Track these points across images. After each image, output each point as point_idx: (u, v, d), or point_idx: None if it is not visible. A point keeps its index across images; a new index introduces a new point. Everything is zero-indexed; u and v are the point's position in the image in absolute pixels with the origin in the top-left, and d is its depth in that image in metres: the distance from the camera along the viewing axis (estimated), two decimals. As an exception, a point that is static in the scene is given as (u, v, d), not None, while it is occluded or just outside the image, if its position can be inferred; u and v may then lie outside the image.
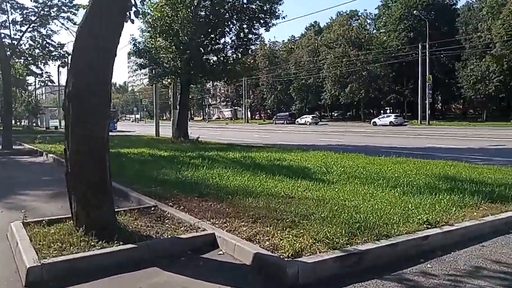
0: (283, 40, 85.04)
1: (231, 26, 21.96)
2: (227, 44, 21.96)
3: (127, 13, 4.69)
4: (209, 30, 20.84)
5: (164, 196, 6.44)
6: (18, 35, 17.26)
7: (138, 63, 21.65)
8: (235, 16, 21.50)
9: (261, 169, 9.35)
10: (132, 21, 4.71)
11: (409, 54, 54.40)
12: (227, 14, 21.27)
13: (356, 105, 65.97)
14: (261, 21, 21.68)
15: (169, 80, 22.72)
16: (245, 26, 21.89)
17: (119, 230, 4.52)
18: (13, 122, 17.27)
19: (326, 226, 4.47)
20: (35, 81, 56.83)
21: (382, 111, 69.32)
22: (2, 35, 16.38)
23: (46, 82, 20.45)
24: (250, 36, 22.12)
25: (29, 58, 18.16)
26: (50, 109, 57.35)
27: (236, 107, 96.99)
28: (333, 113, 76.60)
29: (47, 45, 18.14)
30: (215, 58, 22.22)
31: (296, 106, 74.21)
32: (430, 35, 46.62)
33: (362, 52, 56.82)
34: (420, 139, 24.40)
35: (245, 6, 21.42)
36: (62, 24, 17.46)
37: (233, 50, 22.09)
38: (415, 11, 50.79)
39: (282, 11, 21.53)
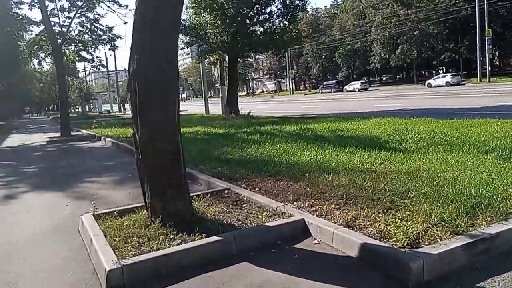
0: (326, 6, 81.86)
1: (275, -7, 20.96)
2: (273, 13, 21.02)
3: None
4: (254, 1, 19.99)
5: (233, 177, 5.98)
6: (67, 22, 17.32)
7: (184, 41, 21.23)
8: (280, -18, 20.46)
9: (326, 142, 8.71)
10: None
11: (462, 8, 50.50)
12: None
13: (406, 67, 62.74)
14: (308, -16, 20.52)
15: (216, 56, 22.19)
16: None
17: (198, 220, 4.09)
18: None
19: (435, 206, 3.80)
20: (84, 68, 58.66)
21: (434, 72, 65.69)
22: (52, 23, 16.46)
23: (98, 67, 20.63)
24: (297, 2, 21.03)
25: (80, 44, 18.25)
26: (101, 94, 59.02)
27: (279, 79, 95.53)
28: (382, 77, 73.47)
29: (96, 29, 18.12)
30: (261, 29, 21.37)
31: (343, 73, 71.72)
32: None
33: (412, 11, 53.37)
34: (486, 98, 22.50)
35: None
36: (108, 7, 17.33)
37: (280, 19, 21.12)
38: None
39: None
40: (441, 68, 64.20)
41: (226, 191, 5.21)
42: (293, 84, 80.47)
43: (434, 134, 8.68)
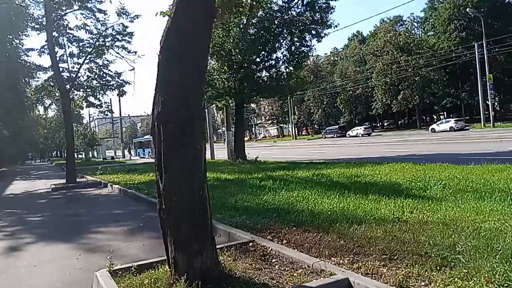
0: (325, 53, 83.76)
1: (281, 41, 21.31)
2: (279, 59, 21.29)
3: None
4: (260, 47, 20.29)
5: (255, 227, 5.61)
6: (76, 68, 17.45)
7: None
8: (285, 30, 20.84)
9: (345, 188, 8.36)
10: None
11: (461, 54, 51.58)
12: (277, 29, 20.65)
13: (408, 112, 63.24)
14: (313, 32, 20.90)
15: (223, 102, 22.26)
16: (296, 39, 21.15)
17: (227, 278, 3.69)
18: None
19: (493, 262, 3.41)
20: (89, 114, 59.22)
21: (435, 117, 66.10)
22: (61, 69, 16.56)
23: (105, 112, 20.62)
24: (302, 48, 21.34)
25: (88, 90, 18.30)
26: (105, 140, 59.17)
27: (281, 125, 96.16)
28: (383, 122, 73.97)
29: (104, 75, 18.24)
30: (267, 75, 21.56)
31: (345, 119, 72.30)
32: (485, 33, 43.87)
33: (412, 57, 54.47)
34: (496, 142, 22.29)
35: (295, 18, 20.73)
36: (117, 53, 17.50)
37: (286, 65, 21.36)
38: (467, 9, 47.93)
39: (334, 20, 20.57)
40: (442, 113, 64.73)
41: (250, 244, 4.82)
42: (295, 129, 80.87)
43: (458, 180, 8.37)
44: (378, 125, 73.89)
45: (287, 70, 21.71)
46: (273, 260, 4.25)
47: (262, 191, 8.92)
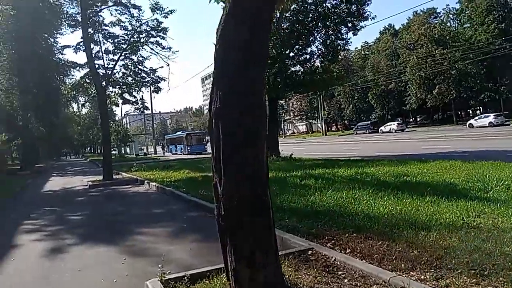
0: (356, 48, 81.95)
1: (316, 34, 20.71)
2: (313, 53, 20.68)
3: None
4: (294, 41, 19.77)
5: (310, 232, 5.20)
6: (111, 64, 17.43)
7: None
8: (320, 23, 20.22)
9: (396, 189, 7.80)
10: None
11: (501, 47, 49.31)
12: (312, 22, 20.06)
13: (443, 107, 61.14)
14: (349, 24, 20.19)
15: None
16: (331, 32, 20.51)
17: (295, 295, 3.30)
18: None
19: None
20: (121, 110, 60.14)
21: (470, 112, 63.67)
22: (96, 65, 16.58)
23: (141, 109, 20.61)
24: (337, 42, 20.68)
25: (124, 86, 18.29)
26: (137, 137, 59.99)
27: (311, 120, 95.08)
28: (416, 118, 71.88)
29: (139, 71, 18.17)
30: (302, 70, 21.01)
31: (377, 114, 70.61)
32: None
33: (448, 50, 52.50)
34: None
35: (330, 11, 20.07)
36: (152, 49, 17.37)
37: (321, 59, 20.73)
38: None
39: (370, 12, 19.78)
40: (478, 108, 62.30)
41: (310, 252, 4.40)
42: (325, 125, 79.72)
43: (521, 180, 7.68)
44: (411, 120, 71.83)
45: (322, 64, 21.07)
46: (340, 273, 3.83)
47: (306, 191, 8.49)
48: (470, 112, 65.22)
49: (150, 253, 5.39)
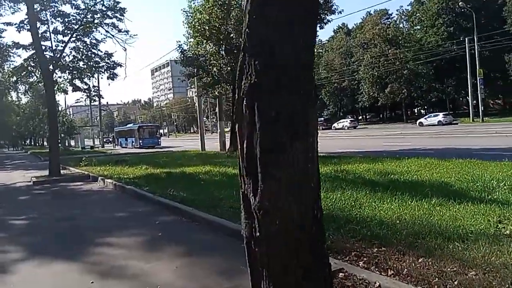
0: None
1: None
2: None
3: None
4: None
5: (328, 246, 4.28)
6: (61, 47, 15.54)
7: (185, 73, 19.69)
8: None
9: (392, 189, 7.12)
10: None
11: (449, 50, 51.31)
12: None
13: (392, 106, 62.90)
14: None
15: (219, 89, 20.69)
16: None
17: None
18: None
19: None
20: (65, 101, 56.44)
21: (415, 111, 66.07)
22: (43, 47, 14.70)
23: (94, 97, 18.76)
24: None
25: (74, 72, 16.42)
26: (83, 129, 56.65)
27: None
28: (366, 115, 73.64)
29: (93, 55, 16.40)
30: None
31: (329, 111, 71.58)
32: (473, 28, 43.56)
33: (400, 50, 53.90)
34: (500, 137, 21.58)
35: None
36: (107, 31, 15.69)
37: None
38: (459, 3, 47.41)
39: (338, 5, 19.26)
40: (424, 107, 64.74)
41: (341, 275, 3.50)
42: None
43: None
44: (361, 118, 73.43)
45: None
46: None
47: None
48: (416, 111, 67.69)
49: (125, 273, 4.27)
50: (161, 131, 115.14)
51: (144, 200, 8.60)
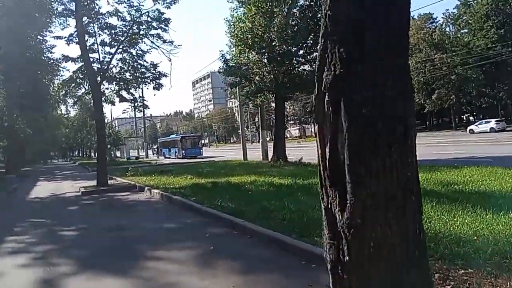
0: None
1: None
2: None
3: None
4: (303, 38, 18.45)
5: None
6: (108, 58, 15.82)
7: (228, 83, 19.60)
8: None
9: (459, 201, 6.48)
10: None
11: (499, 53, 48.78)
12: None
13: (438, 113, 60.42)
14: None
15: (261, 98, 20.45)
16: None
17: None
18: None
19: None
20: (111, 114, 58.17)
21: (464, 118, 63.07)
22: (91, 59, 15.00)
23: (140, 108, 19.03)
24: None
25: (121, 83, 16.68)
26: (128, 140, 58.19)
27: (304, 125, 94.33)
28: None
29: (139, 66, 16.60)
30: (310, 69, 19.70)
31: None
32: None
33: (447, 55, 51.81)
34: None
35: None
36: (152, 42, 15.84)
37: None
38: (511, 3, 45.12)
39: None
40: (473, 114, 61.75)
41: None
42: (320, 130, 78.59)
43: None
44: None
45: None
46: None
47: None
48: (464, 118, 64.70)
49: (178, 291, 3.96)
50: (202, 141, 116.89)
51: (192, 211, 8.36)
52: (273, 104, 67.22)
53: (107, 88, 16.97)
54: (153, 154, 55.94)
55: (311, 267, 4.34)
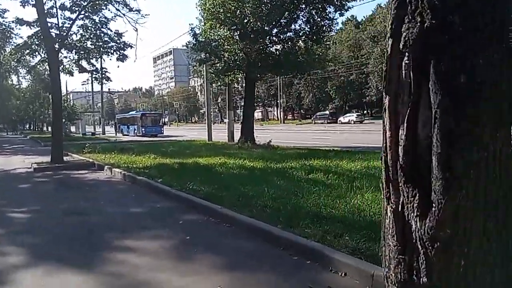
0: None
1: (299, 12, 18.78)
2: (297, 32, 18.76)
3: None
4: (278, 17, 17.76)
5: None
6: (68, 24, 14.43)
7: (197, 58, 18.67)
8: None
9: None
10: None
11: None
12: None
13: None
14: (336, 2, 18.41)
15: (231, 77, 19.66)
16: (316, 10, 18.66)
17: None
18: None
19: None
20: (66, 87, 55.06)
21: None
22: (49, 24, 13.64)
23: (100, 79, 17.64)
24: (322, 23, 18.88)
25: (81, 52, 15.35)
26: (84, 115, 55.66)
27: (267, 108, 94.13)
28: (372, 110, 72.51)
29: (102, 34, 15.31)
30: (282, 49, 19.10)
31: (334, 105, 70.43)
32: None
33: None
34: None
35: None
36: (117, 9, 14.61)
37: (305, 39, 18.87)
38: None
39: (357, -7, 18.15)
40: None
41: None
42: (282, 113, 78.76)
43: None
44: (365, 112, 72.30)
45: (305, 45, 19.23)
46: None
47: (330, 190, 6.69)
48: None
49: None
50: (163, 119, 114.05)
51: (160, 194, 7.67)
52: (239, 86, 66.50)
53: (65, 57, 15.63)
54: (112, 130, 53.74)
55: (306, 263, 3.86)
